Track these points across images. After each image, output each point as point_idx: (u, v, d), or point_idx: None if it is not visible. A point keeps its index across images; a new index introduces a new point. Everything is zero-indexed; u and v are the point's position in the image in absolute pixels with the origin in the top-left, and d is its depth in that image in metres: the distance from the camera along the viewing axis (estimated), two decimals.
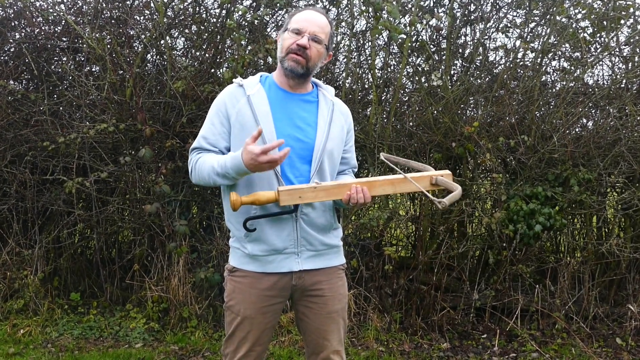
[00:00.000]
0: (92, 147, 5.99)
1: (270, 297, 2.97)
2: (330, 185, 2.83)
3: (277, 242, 2.91)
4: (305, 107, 3.02)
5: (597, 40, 6.19)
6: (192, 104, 5.86)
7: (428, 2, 6.34)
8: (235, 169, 2.74)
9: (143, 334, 5.72)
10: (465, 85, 5.86)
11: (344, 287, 3.14)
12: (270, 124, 2.89)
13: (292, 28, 2.90)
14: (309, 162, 2.94)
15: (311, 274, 3.00)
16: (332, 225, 3.06)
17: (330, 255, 3.07)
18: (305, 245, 2.96)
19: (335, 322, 3.07)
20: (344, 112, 3.14)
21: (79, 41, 6.22)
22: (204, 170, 2.90)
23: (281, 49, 2.94)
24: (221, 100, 2.99)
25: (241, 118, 2.90)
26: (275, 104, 2.95)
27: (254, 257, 2.94)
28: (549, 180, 5.82)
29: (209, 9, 6.40)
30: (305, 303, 3.05)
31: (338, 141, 3.04)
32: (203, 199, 6.15)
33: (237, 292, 3.00)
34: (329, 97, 3.09)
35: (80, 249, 6.62)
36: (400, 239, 6.84)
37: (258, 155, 2.62)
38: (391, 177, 2.89)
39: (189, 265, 5.88)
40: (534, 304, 5.88)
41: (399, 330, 5.83)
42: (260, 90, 2.97)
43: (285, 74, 2.97)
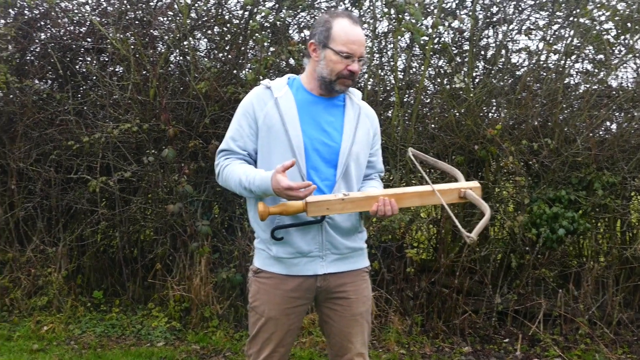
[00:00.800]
0: (115, 147, 6.06)
1: (295, 298, 2.99)
2: (358, 197, 2.83)
3: (302, 245, 2.94)
4: (332, 111, 3.03)
5: (621, 42, 6.14)
6: (215, 105, 5.91)
7: (450, 4, 6.34)
8: (262, 190, 2.80)
9: (165, 333, 5.77)
10: (487, 88, 5.86)
11: (368, 290, 3.15)
12: (297, 127, 2.91)
13: (341, 51, 2.88)
14: (334, 165, 2.96)
15: (336, 277, 3.02)
16: (357, 228, 3.07)
17: (355, 258, 3.09)
18: (330, 248, 2.97)
19: (359, 325, 3.08)
20: (370, 115, 3.15)
21: (103, 42, 6.28)
22: (230, 180, 2.94)
23: (330, 72, 2.92)
24: (248, 101, 3.01)
25: (268, 120, 2.92)
26: (302, 108, 2.97)
27: (279, 259, 2.96)
28: (572, 183, 5.80)
29: (232, 10, 6.44)
30: (329, 305, 3.07)
31: (364, 145, 3.06)
32: (225, 200, 6.19)
33: (261, 293, 3.02)
34: (355, 101, 3.10)
35: (103, 247, 6.70)
36: (422, 242, 6.83)
37: (284, 189, 2.69)
38: (420, 190, 2.90)
39: (210, 265, 5.92)
40: (556, 308, 5.84)
41: (420, 333, 5.83)
42: (287, 93, 2.99)
43: (329, 91, 2.99)
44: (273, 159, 2.90)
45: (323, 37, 2.93)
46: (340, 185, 2.94)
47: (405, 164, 5.78)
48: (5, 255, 6.33)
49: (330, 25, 2.92)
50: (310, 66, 3.02)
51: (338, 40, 2.89)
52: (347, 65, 2.89)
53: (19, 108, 6.26)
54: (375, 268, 5.72)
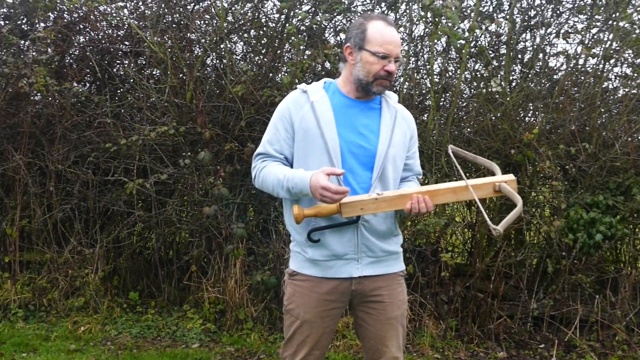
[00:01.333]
0: (152, 149, 6.12)
1: (330, 301, 3.00)
2: (392, 195, 2.84)
3: (338, 248, 2.95)
4: (368, 114, 3.04)
5: None
6: (251, 108, 5.95)
7: (487, 7, 6.32)
8: (299, 188, 2.83)
9: (200, 335, 5.82)
10: (524, 92, 5.83)
11: (403, 294, 3.15)
12: (333, 130, 2.93)
13: (377, 52, 2.90)
14: (370, 168, 2.97)
15: (371, 280, 3.02)
16: (392, 232, 3.08)
17: (390, 262, 3.09)
18: (365, 251, 2.98)
19: (394, 329, 3.09)
20: (406, 118, 3.16)
21: (141, 45, 6.35)
22: (268, 181, 2.97)
23: (366, 73, 2.93)
24: (285, 106, 3.04)
25: (304, 124, 2.95)
26: (338, 111, 2.99)
27: (314, 262, 2.98)
28: (610, 188, 5.75)
29: (268, 14, 6.48)
30: (364, 309, 3.07)
31: (400, 148, 3.06)
32: (260, 202, 6.23)
33: (297, 295, 3.04)
34: (391, 104, 3.11)
35: (139, 249, 6.77)
36: (456, 246, 6.81)
37: (320, 187, 2.72)
38: (453, 185, 2.90)
39: (245, 267, 5.96)
40: (593, 314, 5.80)
41: (455, 337, 5.82)
42: (323, 97, 3.01)
43: (367, 93, 3.00)
44: (309, 162, 2.93)
45: (359, 39, 2.95)
46: (377, 188, 2.94)
47: (441, 167, 5.78)
48: (43, 256, 6.43)
49: (365, 27, 2.95)
50: (347, 70, 3.04)
51: (374, 42, 2.91)
52: (384, 65, 2.91)
53: (57, 111, 6.34)
54: (410, 272, 5.72)
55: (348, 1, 6.22)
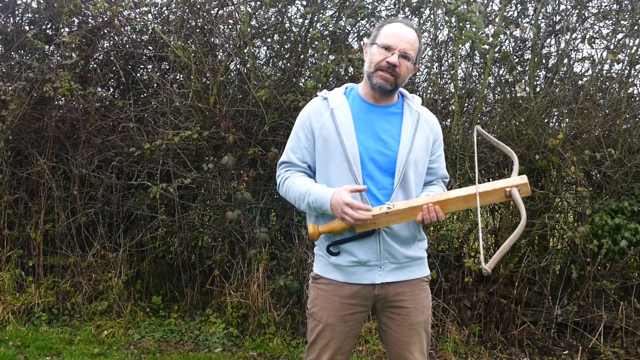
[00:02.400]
0: (175, 154, 6.16)
1: (352, 305, 3.00)
2: (402, 208, 2.83)
3: (360, 254, 2.95)
4: (390, 119, 3.04)
5: None
6: (275, 112, 5.98)
7: (512, 12, 6.32)
8: (319, 203, 2.87)
9: (222, 339, 5.85)
10: (549, 97, 5.83)
11: (427, 299, 3.14)
12: (352, 137, 2.93)
13: (382, 43, 2.93)
14: (392, 174, 2.96)
15: (394, 285, 3.01)
16: (416, 237, 3.06)
17: (414, 268, 3.08)
18: (388, 257, 2.98)
19: (418, 334, 3.08)
20: (429, 121, 3.13)
21: (164, 49, 6.40)
22: (291, 192, 3.02)
23: (369, 64, 2.97)
24: (306, 114, 3.07)
25: (324, 132, 2.96)
26: (358, 117, 3.00)
27: (338, 267, 2.98)
28: (635, 194, 5.74)
29: (292, 18, 6.51)
30: (387, 314, 3.07)
31: (423, 152, 3.04)
32: (283, 207, 6.26)
33: (319, 299, 3.05)
34: (414, 107, 3.09)
35: (162, 253, 6.80)
36: (479, 251, 6.80)
37: (344, 203, 2.77)
38: (464, 194, 2.85)
39: (268, 272, 5.98)
40: (617, 321, 5.78)
41: (478, 343, 5.82)
42: (343, 103, 3.02)
43: (372, 87, 3.00)
44: (330, 169, 2.96)
45: (373, 37, 3.01)
46: (398, 194, 2.94)
47: (465, 172, 5.77)
48: (67, 260, 6.49)
49: (382, 26, 3.01)
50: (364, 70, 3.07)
51: (382, 36, 2.96)
52: (386, 57, 2.91)
53: (82, 115, 6.43)
54: (433, 277, 5.72)
55: (372, 6, 6.25)
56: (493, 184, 2.88)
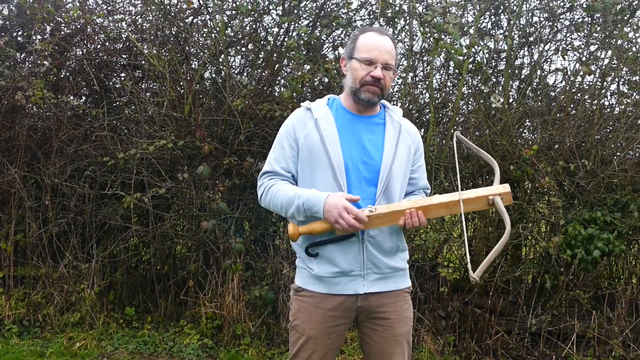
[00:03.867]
0: (150, 163, 6.14)
1: (335, 317, 3.02)
2: (385, 212, 2.86)
3: (344, 264, 2.97)
4: (373, 129, 3.09)
5: None
6: (250, 122, 5.98)
7: (485, 24, 6.40)
8: (309, 205, 2.88)
9: (197, 350, 5.83)
10: (523, 108, 5.90)
11: (409, 310, 3.18)
12: (337, 147, 2.97)
13: (363, 58, 2.96)
14: (375, 184, 2.99)
15: (377, 297, 3.05)
16: (398, 247, 3.10)
17: (397, 278, 3.12)
18: (371, 268, 3.01)
19: (400, 346, 3.11)
20: (411, 132, 3.19)
21: (139, 58, 6.37)
22: (277, 199, 3.00)
23: (354, 80, 3.00)
24: (290, 123, 3.09)
25: (309, 141, 3.00)
26: (342, 127, 3.04)
27: (320, 278, 3.00)
28: (607, 205, 5.82)
29: (268, 28, 6.52)
30: (370, 325, 3.10)
31: (405, 162, 3.10)
32: (258, 217, 6.26)
33: (302, 311, 3.07)
34: (395, 118, 3.15)
35: (135, 263, 6.75)
36: (452, 261, 6.85)
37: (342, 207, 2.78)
38: (446, 200, 2.90)
39: (243, 282, 5.97)
40: (590, 330, 5.86)
41: (453, 353, 5.87)
42: (327, 114, 3.07)
43: (357, 102, 3.04)
44: (314, 178, 2.99)
45: (350, 49, 3.04)
46: (380, 203, 2.97)
47: (440, 182, 5.83)
48: (38, 271, 6.42)
49: (356, 38, 3.04)
50: (345, 83, 3.10)
51: (361, 49, 2.98)
52: (369, 71, 2.95)
53: (54, 124, 6.38)
54: None
55: (347, 16, 6.28)
56: (476, 192, 2.93)
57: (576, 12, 6.25)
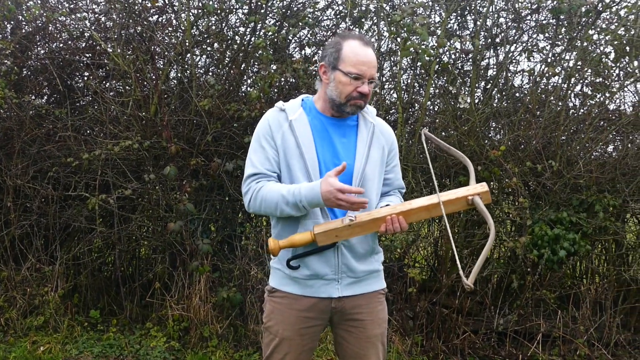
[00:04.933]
0: (115, 164, 6.07)
1: (309, 318, 3.03)
2: (365, 220, 2.85)
3: (318, 268, 2.97)
4: (345, 131, 3.07)
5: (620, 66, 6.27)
6: (218, 122, 5.93)
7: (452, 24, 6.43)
8: (309, 200, 2.82)
9: (164, 353, 5.78)
10: (490, 109, 5.95)
11: (384, 312, 3.19)
12: (312, 150, 2.96)
13: (349, 72, 2.90)
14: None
15: (351, 299, 3.05)
16: (373, 250, 3.11)
17: (371, 280, 3.12)
18: (346, 272, 3.01)
19: (375, 347, 3.12)
20: (385, 132, 3.18)
21: (102, 57, 6.28)
22: (269, 200, 2.92)
23: (339, 94, 2.94)
24: (265, 124, 3.05)
25: (285, 143, 2.98)
26: (316, 130, 3.02)
27: (294, 279, 3.01)
28: (573, 205, 5.89)
29: (234, 27, 6.47)
30: (344, 327, 3.11)
31: (378, 164, 3.09)
32: (225, 218, 6.22)
33: (276, 312, 3.07)
34: (369, 119, 3.13)
35: (100, 266, 6.66)
36: (418, 260, 6.88)
37: (337, 190, 2.73)
38: (426, 204, 2.90)
39: (210, 284, 5.93)
40: (556, 329, 5.93)
41: (421, 353, 5.90)
42: (302, 115, 3.04)
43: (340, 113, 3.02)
44: (289, 180, 2.98)
45: (333, 58, 2.97)
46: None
47: (408, 182, 5.84)
48: (0, 274, 6.27)
49: (340, 46, 2.95)
50: (322, 88, 3.06)
51: (347, 62, 2.91)
52: (357, 87, 2.91)
53: (16, 124, 6.26)
54: None
55: (313, 16, 6.27)
56: (455, 193, 2.94)
57: (542, 13, 6.31)
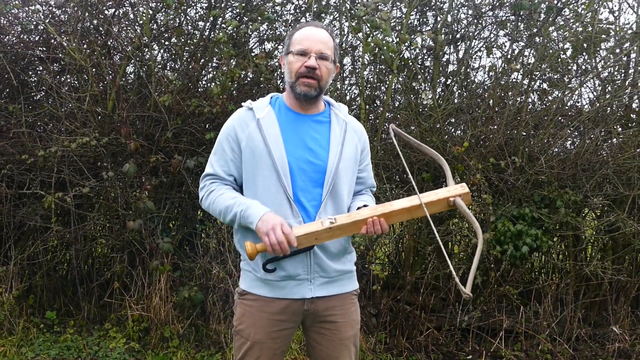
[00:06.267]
0: (71, 161, 5.93)
1: (281, 321, 2.98)
2: (346, 223, 2.80)
3: (290, 268, 2.92)
4: (317, 128, 3.03)
5: (578, 62, 6.36)
6: (178, 118, 5.84)
7: (413, 20, 6.44)
8: (246, 215, 2.81)
9: (123, 354, 5.70)
10: (452, 105, 5.96)
11: (356, 313, 3.15)
12: (280, 148, 2.90)
13: (296, 50, 2.92)
14: (321, 185, 2.94)
15: (324, 300, 3.01)
16: (346, 249, 3.07)
17: (344, 281, 3.08)
18: (318, 271, 2.96)
19: (348, 349, 3.08)
20: (358, 130, 3.15)
21: (57, 51, 6.14)
22: (217, 204, 2.94)
23: (290, 74, 2.95)
24: (230, 125, 3.02)
25: (251, 143, 2.93)
26: (285, 127, 2.98)
27: (266, 282, 2.95)
28: (535, 201, 5.94)
29: (194, 21, 6.38)
30: (317, 329, 3.07)
31: (352, 161, 3.05)
32: (185, 216, 6.14)
33: (247, 316, 3.00)
34: (341, 116, 3.10)
35: (56, 265, 6.52)
36: (379, 257, 6.88)
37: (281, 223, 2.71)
38: (408, 205, 2.86)
39: (170, 283, 5.84)
40: (518, 325, 5.98)
41: (384, 350, 5.91)
42: (270, 113, 2.99)
43: (297, 97, 2.99)
44: (258, 181, 2.92)
45: (286, 46, 3.01)
46: (327, 204, 2.94)
47: None
48: None
49: (292, 34, 3.00)
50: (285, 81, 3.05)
51: (294, 43, 2.95)
52: (304, 62, 2.90)
53: None
54: None
55: (273, 10, 6.22)
56: (436, 194, 2.92)
57: (501, 10, 6.36)
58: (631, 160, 5.88)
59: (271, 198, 2.86)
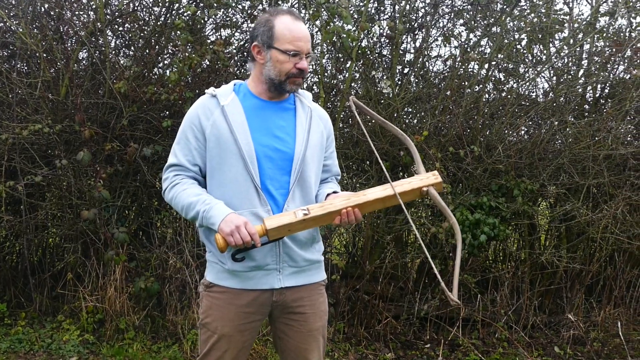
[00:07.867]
0: (23, 149, 5.78)
1: (249, 314, 2.96)
2: (320, 214, 2.78)
3: (259, 258, 2.90)
4: (283, 115, 3.01)
5: (533, 52, 6.44)
6: (134, 105, 5.75)
7: (370, 9, 6.43)
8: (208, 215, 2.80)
9: (77, 347, 5.62)
10: (410, 94, 5.99)
11: (324, 304, 3.14)
12: (247, 135, 2.88)
13: (287, 50, 2.85)
14: (288, 172, 2.93)
15: (292, 291, 3.00)
16: (314, 238, 3.06)
17: (312, 271, 3.07)
18: (287, 261, 2.95)
19: (316, 340, 3.08)
20: (323, 117, 3.14)
21: (8, 35, 5.98)
22: (179, 199, 2.91)
23: (278, 73, 2.89)
24: (194, 113, 2.97)
25: (216, 130, 2.90)
26: (251, 114, 2.95)
27: (234, 273, 2.92)
28: (492, 190, 6.01)
29: (149, 6, 6.29)
30: (285, 321, 3.05)
31: (318, 148, 3.05)
32: (141, 205, 6.05)
33: (214, 308, 2.97)
34: (306, 103, 3.09)
35: (5, 256, 6.36)
36: (336, 246, 6.88)
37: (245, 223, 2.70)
38: (381, 195, 2.85)
39: (125, 273, 5.75)
40: (475, 313, 6.06)
41: (344, 340, 5.94)
42: (234, 100, 2.96)
43: (280, 92, 2.97)
44: (225, 169, 2.90)
45: (266, 37, 2.90)
46: (295, 192, 2.93)
47: None
48: None
49: (272, 24, 2.89)
50: (256, 69, 2.99)
51: (282, 39, 2.86)
52: (295, 63, 2.87)
53: None
54: None
55: None
56: (409, 183, 2.90)
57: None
58: (586, 150, 5.98)
59: (238, 187, 2.85)
